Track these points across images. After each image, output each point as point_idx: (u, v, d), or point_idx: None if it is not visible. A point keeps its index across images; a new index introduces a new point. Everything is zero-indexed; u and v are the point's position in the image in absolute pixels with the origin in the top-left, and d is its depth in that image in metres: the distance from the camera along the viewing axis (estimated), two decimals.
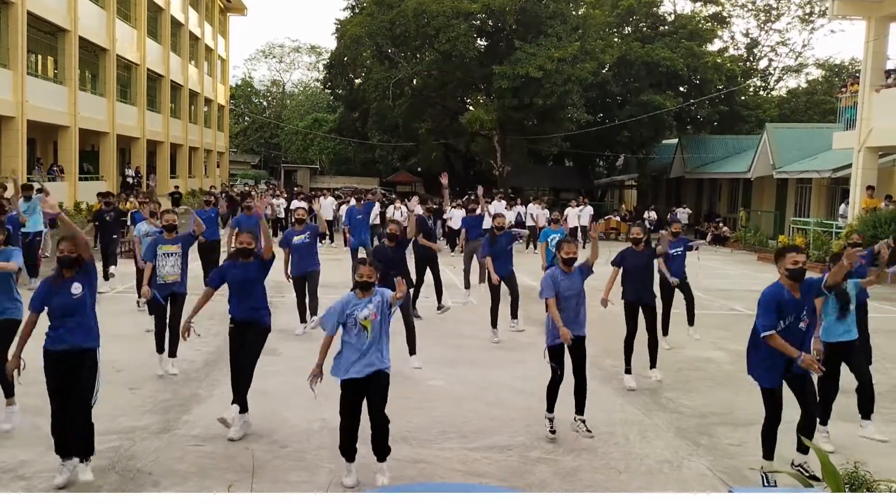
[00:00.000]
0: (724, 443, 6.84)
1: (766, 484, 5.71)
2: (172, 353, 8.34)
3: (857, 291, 6.97)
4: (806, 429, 5.76)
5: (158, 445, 6.34)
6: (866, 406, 6.87)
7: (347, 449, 5.72)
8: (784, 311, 5.58)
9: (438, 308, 11.99)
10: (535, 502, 5.13)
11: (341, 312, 5.71)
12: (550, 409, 6.80)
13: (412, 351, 8.90)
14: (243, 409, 6.58)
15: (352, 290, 5.87)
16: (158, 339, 8.35)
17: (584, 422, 6.81)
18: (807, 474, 5.53)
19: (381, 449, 5.74)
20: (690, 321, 10.82)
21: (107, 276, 13.60)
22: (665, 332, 10.53)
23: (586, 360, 6.90)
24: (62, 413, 5.55)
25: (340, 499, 5.39)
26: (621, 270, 8.66)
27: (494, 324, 10.73)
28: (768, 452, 5.80)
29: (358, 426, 5.71)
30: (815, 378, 5.90)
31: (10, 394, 6.49)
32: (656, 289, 9.05)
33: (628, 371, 8.60)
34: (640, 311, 8.61)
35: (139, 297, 11.63)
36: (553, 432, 6.70)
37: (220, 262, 13.02)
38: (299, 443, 6.48)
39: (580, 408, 6.84)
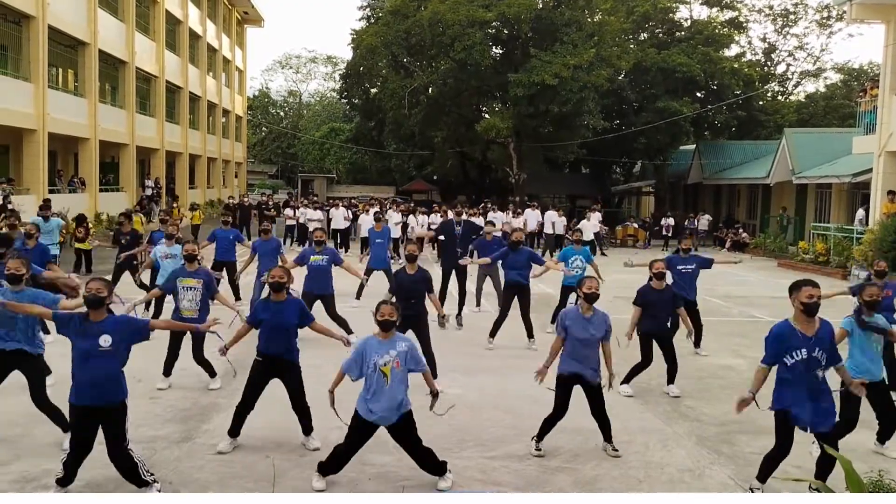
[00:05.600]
0: (745, 451, 6.78)
1: None
2: (212, 375, 8.39)
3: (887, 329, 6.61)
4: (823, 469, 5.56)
5: (179, 455, 6.37)
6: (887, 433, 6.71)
7: (334, 469, 5.76)
8: (790, 346, 5.47)
9: (457, 316, 12.03)
10: (544, 502, 5.13)
11: (361, 362, 5.62)
12: (540, 437, 6.54)
13: (433, 375, 8.63)
14: (310, 431, 6.65)
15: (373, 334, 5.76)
16: (167, 366, 8.31)
17: (611, 444, 6.60)
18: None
19: (435, 470, 5.79)
20: (696, 344, 10.51)
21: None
22: (697, 345, 10.45)
23: (604, 402, 6.57)
24: (80, 457, 5.42)
25: (344, 499, 5.42)
26: (641, 307, 8.52)
27: (493, 334, 10.69)
28: (764, 477, 5.66)
29: (352, 457, 5.76)
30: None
31: (66, 429, 6.36)
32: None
33: (626, 382, 8.51)
34: (657, 342, 8.50)
35: (146, 310, 11.68)
36: (539, 449, 6.49)
37: (236, 283, 13.14)
38: (317, 451, 6.47)
39: (607, 436, 6.61)
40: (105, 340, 5.29)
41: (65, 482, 5.43)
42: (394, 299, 5.85)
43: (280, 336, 6.47)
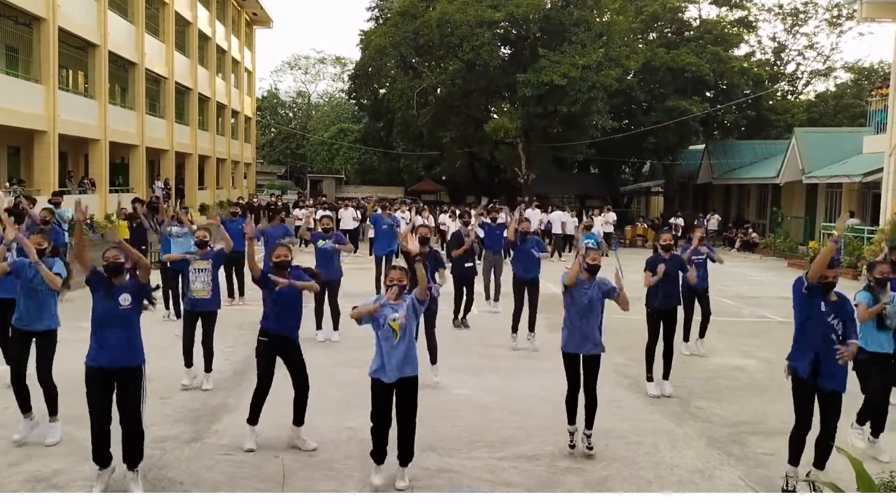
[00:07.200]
0: (756, 452, 6.74)
1: (785, 488, 5.74)
2: (208, 369, 8.41)
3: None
4: (823, 447, 5.68)
5: (189, 455, 6.39)
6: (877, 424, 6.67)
7: (377, 453, 5.82)
8: (812, 301, 5.71)
9: (461, 321, 12.01)
10: (553, 503, 5.12)
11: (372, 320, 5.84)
12: (571, 420, 6.59)
13: (433, 360, 8.78)
14: (301, 422, 6.68)
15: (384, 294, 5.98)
16: (186, 355, 8.38)
17: (588, 437, 6.50)
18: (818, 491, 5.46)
19: (405, 453, 5.81)
20: (701, 333, 10.51)
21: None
22: (686, 339, 10.40)
23: (597, 377, 6.60)
24: (102, 424, 5.56)
25: (346, 499, 5.43)
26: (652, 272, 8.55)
27: (515, 329, 10.71)
28: (794, 458, 5.75)
29: (388, 430, 5.80)
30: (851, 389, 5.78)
31: (54, 412, 6.60)
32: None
33: (650, 379, 8.53)
34: (663, 324, 8.49)
35: (166, 308, 11.87)
36: (572, 446, 6.51)
37: (242, 276, 13.38)
38: (328, 452, 6.49)
39: (589, 423, 6.53)
40: (125, 299, 5.59)
41: (100, 461, 5.56)
42: (402, 264, 6.06)
43: (287, 310, 6.57)
